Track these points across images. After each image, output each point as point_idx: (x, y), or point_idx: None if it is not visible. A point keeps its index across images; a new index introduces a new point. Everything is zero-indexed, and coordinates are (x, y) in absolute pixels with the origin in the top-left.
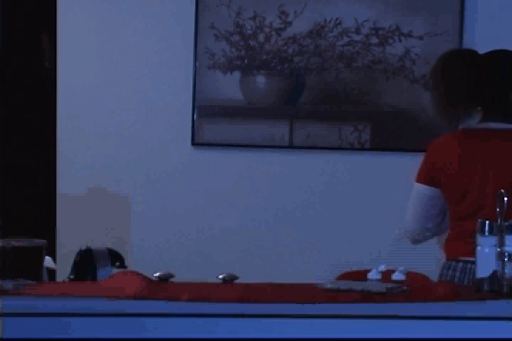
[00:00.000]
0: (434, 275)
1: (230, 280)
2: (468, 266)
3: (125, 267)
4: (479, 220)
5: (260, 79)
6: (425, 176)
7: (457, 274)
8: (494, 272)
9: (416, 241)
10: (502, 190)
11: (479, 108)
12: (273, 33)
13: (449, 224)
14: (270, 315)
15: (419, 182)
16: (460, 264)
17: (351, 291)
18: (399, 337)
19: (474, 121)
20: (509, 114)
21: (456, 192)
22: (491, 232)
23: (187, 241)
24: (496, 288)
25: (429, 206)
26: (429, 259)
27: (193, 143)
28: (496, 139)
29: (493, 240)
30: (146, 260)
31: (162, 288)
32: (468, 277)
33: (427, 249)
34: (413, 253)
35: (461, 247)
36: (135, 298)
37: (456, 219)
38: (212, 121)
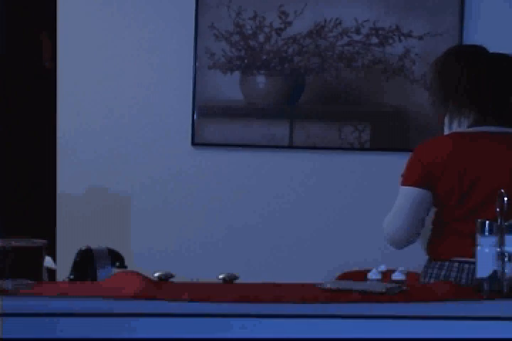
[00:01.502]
0: None
1: (230, 280)
2: (466, 266)
3: (125, 267)
4: (479, 220)
5: (260, 79)
6: (422, 180)
7: (453, 274)
8: (494, 272)
9: (400, 248)
10: (502, 190)
11: (474, 109)
12: (273, 33)
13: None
14: (270, 315)
15: (415, 186)
16: (455, 264)
17: (351, 291)
18: (399, 337)
19: (468, 122)
20: (505, 117)
21: (454, 196)
22: (491, 232)
23: (187, 241)
24: (496, 288)
25: (424, 210)
26: None
27: (193, 143)
28: (493, 143)
29: (493, 240)
30: (146, 260)
31: (162, 288)
32: (465, 277)
33: None
34: (413, 253)
35: (457, 248)
36: (135, 298)
37: (451, 221)
38: (212, 121)
